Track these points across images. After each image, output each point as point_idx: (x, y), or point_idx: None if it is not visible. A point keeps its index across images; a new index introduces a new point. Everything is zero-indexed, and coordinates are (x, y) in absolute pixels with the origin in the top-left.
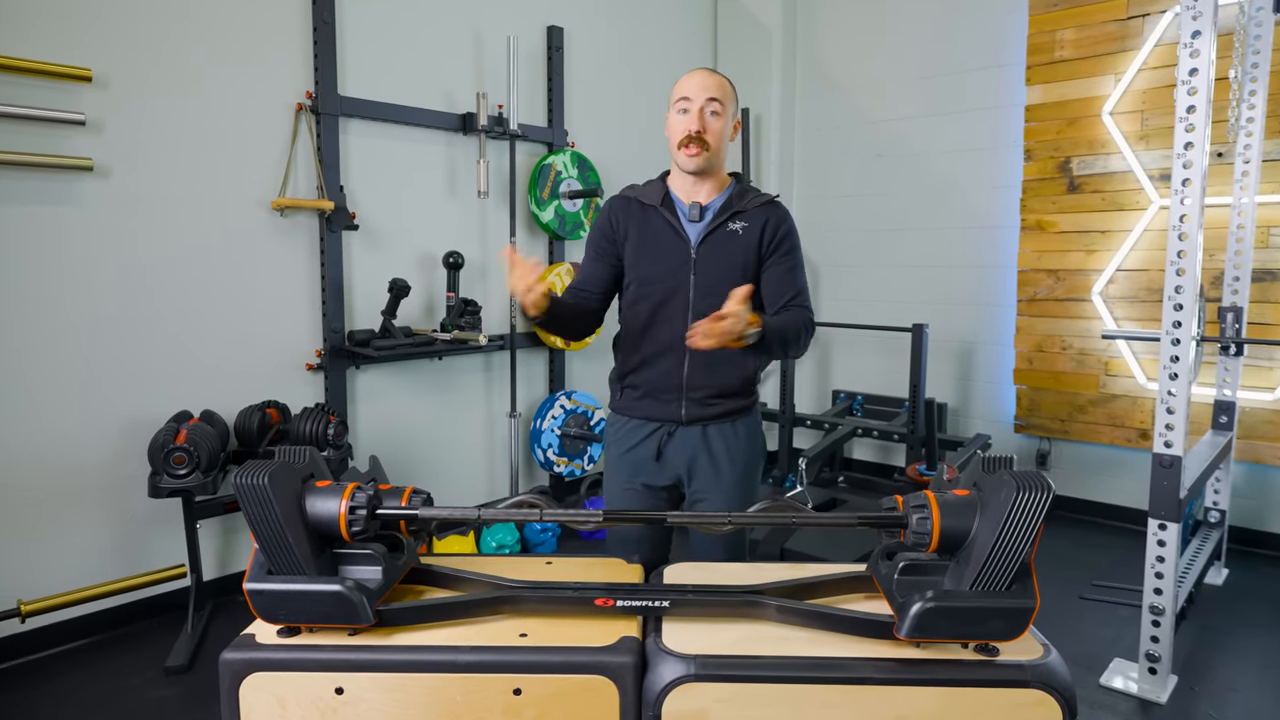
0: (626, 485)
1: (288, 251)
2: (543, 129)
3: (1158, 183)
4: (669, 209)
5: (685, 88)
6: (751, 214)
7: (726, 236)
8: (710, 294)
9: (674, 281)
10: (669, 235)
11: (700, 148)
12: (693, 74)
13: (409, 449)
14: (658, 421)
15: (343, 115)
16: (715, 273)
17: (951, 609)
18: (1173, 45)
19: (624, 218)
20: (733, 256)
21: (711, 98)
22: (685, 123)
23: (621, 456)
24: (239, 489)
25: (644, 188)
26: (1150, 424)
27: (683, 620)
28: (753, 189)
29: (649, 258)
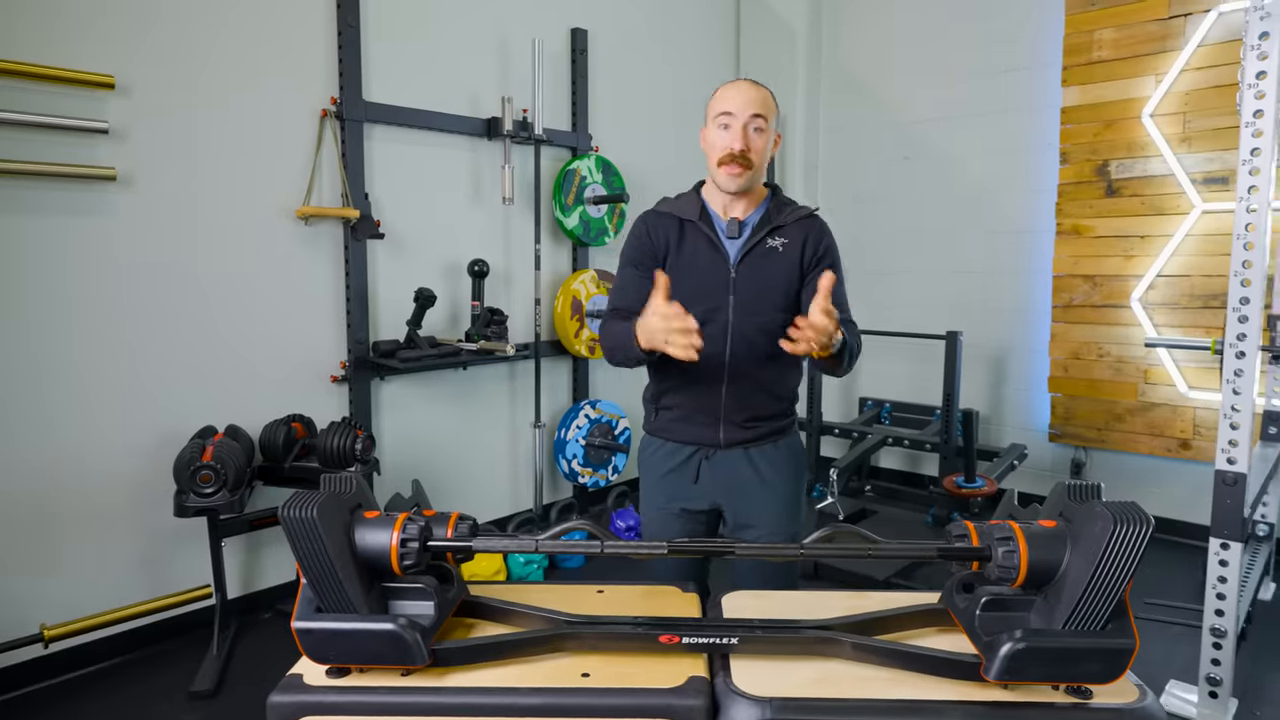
0: (664, 509)
1: (312, 261)
2: (566, 133)
3: (1200, 186)
4: (707, 224)
5: (727, 101)
6: (790, 229)
7: (765, 254)
8: (750, 313)
9: (713, 301)
10: (708, 252)
11: (743, 167)
12: (735, 86)
13: (433, 461)
14: (695, 445)
15: (367, 121)
16: (755, 291)
17: (1044, 650)
18: (1216, 45)
19: (663, 234)
20: (772, 274)
21: (756, 114)
22: (727, 140)
23: (659, 480)
24: (287, 523)
25: (678, 201)
26: (1191, 433)
27: (752, 658)
28: (790, 202)
29: (688, 276)
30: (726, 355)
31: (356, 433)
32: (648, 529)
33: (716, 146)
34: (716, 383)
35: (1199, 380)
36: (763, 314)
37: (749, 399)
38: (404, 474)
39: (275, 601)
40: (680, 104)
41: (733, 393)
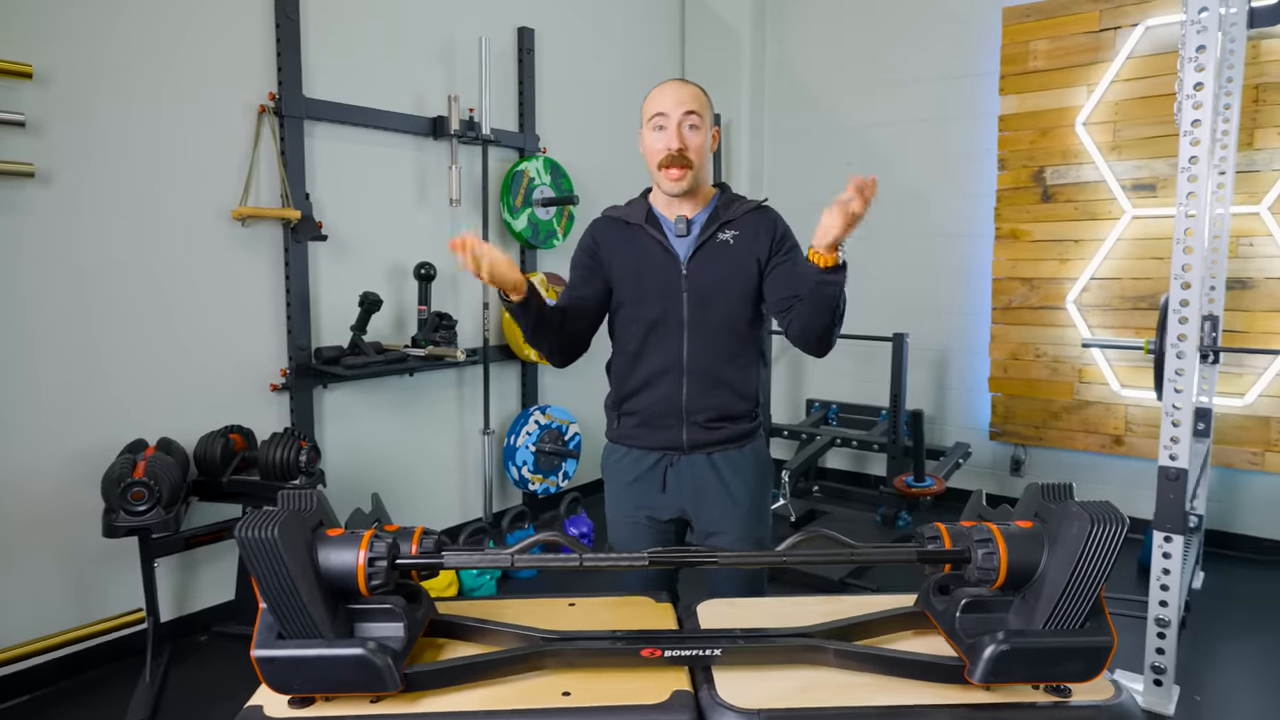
0: (631, 517)
1: (249, 264)
2: (514, 134)
3: (1130, 192)
4: (654, 226)
5: (658, 102)
6: (740, 222)
7: (717, 248)
8: (704, 309)
9: (666, 301)
10: (657, 254)
11: (683, 167)
12: (664, 87)
13: (379, 471)
14: (659, 450)
15: (308, 118)
16: (708, 287)
17: (1027, 650)
18: (1143, 58)
19: (608, 239)
20: (725, 268)
21: (688, 110)
22: (663, 140)
23: (624, 489)
24: (245, 544)
25: (626, 208)
26: (1123, 429)
27: (734, 669)
28: (739, 197)
29: (638, 279)
30: (684, 353)
31: (300, 443)
32: (615, 538)
33: (654, 150)
34: (676, 382)
35: (1131, 379)
36: (718, 309)
37: (710, 396)
38: (349, 485)
39: (212, 623)
40: (626, 106)
41: (693, 390)
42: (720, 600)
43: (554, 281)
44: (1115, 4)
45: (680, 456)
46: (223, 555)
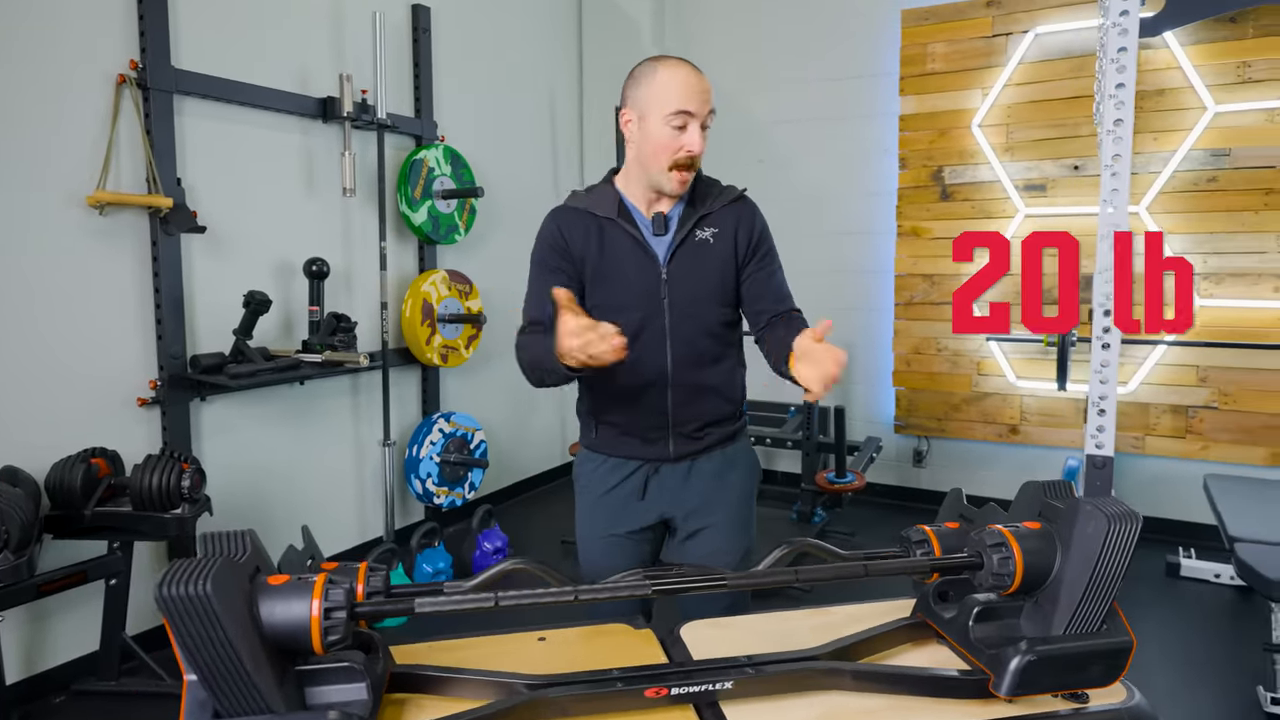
0: (606, 536)
1: (109, 259)
2: (410, 119)
3: (1022, 192)
4: (628, 221)
5: (683, 96)
6: (719, 215)
7: (697, 248)
8: (687, 315)
9: (647, 306)
10: (635, 254)
11: (693, 170)
12: (685, 76)
13: (267, 491)
14: (641, 459)
15: (178, 93)
16: (690, 290)
17: (1053, 659)
18: (1033, 64)
19: (579, 235)
20: (707, 270)
21: (711, 110)
22: (683, 142)
23: (598, 501)
24: (170, 604)
25: (591, 196)
26: (1019, 419)
27: (744, 701)
28: (713, 182)
29: (615, 282)
30: (668, 362)
31: (181, 466)
32: (587, 554)
33: (668, 147)
34: (661, 393)
35: (1025, 371)
36: (701, 314)
37: (698, 405)
38: (234, 510)
39: (70, 681)
40: (523, 95)
41: (680, 401)
42: (703, 622)
43: (456, 280)
44: (1007, 10)
45: (664, 465)
46: (83, 600)
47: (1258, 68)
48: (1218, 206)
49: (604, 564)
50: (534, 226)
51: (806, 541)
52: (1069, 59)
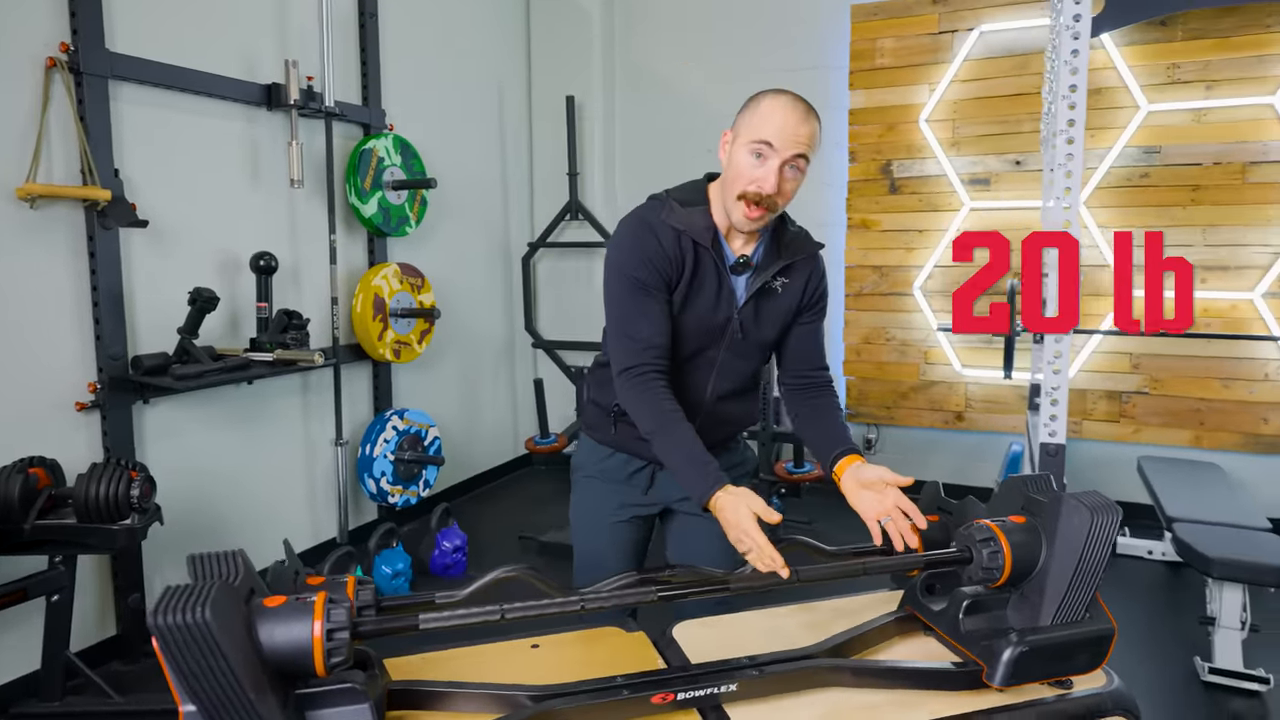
0: (615, 518)
1: (41, 255)
2: (358, 108)
3: (968, 186)
4: (717, 253)
5: (769, 126)
6: (797, 267)
7: (769, 296)
8: (741, 355)
9: (711, 339)
10: (715, 289)
11: (767, 210)
12: (780, 108)
13: (216, 495)
14: (649, 461)
15: (113, 78)
16: (752, 335)
17: (1043, 648)
18: (978, 61)
19: (678, 254)
20: (773, 319)
21: (799, 154)
22: (757, 175)
23: (609, 486)
24: (166, 634)
25: (688, 216)
26: (964, 406)
27: (748, 702)
28: (795, 231)
29: (693, 311)
30: (708, 392)
31: (130, 474)
32: (587, 536)
33: (742, 176)
34: (694, 417)
35: (971, 360)
36: (753, 356)
37: (720, 429)
38: (183, 518)
39: (9, 704)
40: (471, 82)
41: (706, 425)
42: (694, 621)
43: (408, 273)
44: (952, 8)
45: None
46: (18, 619)
47: (1186, 69)
48: (1149, 202)
49: (606, 549)
50: (484, 217)
51: (797, 539)
52: (1012, 57)
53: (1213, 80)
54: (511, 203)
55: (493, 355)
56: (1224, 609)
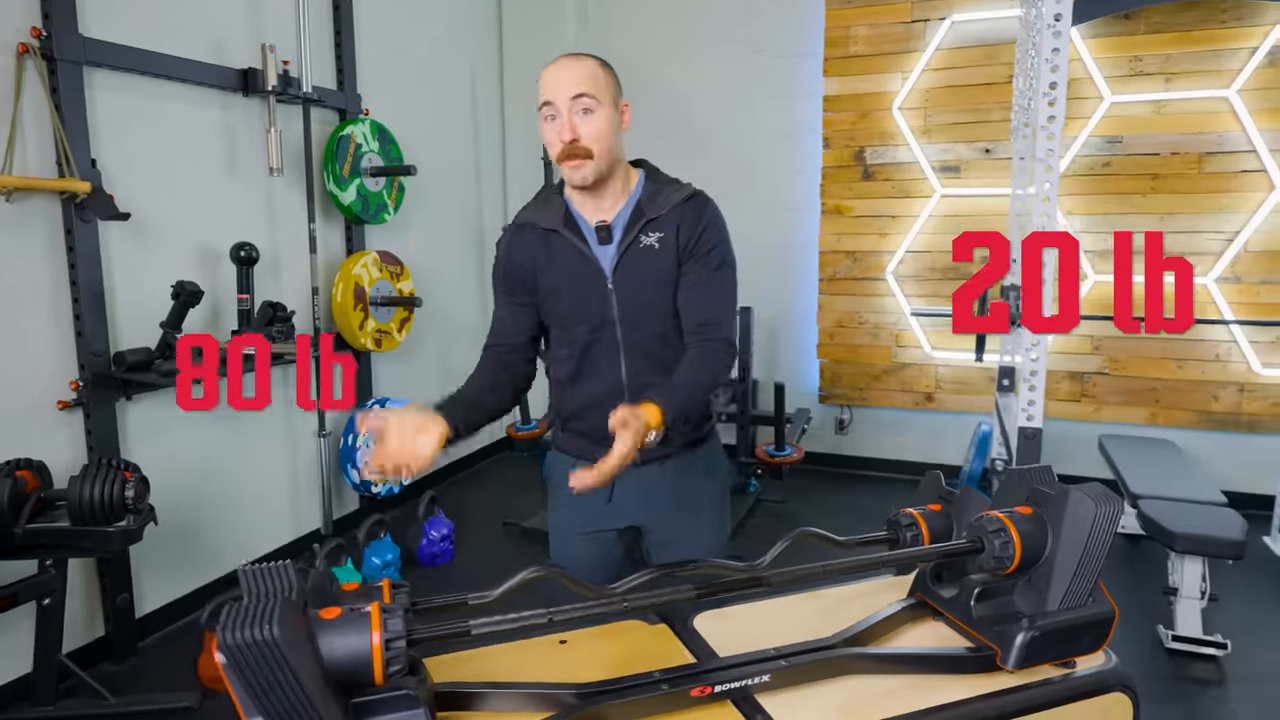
0: (579, 531)
1: (18, 250)
2: (333, 92)
3: (939, 173)
4: (574, 232)
5: (544, 89)
6: (665, 219)
7: (642, 255)
8: (638, 324)
9: (596, 318)
10: (580, 265)
11: (582, 158)
12: (549, 69)
13: (200, 490)
14: None
15: (87, 64)
16: (638, 300)
17: (1052, 632)
18: (950, 50)
19: (528, 252)
20: (654, 277)
21: (577, 94)
22: (554, 132)
23: (569, 499)
24: (235, 653)
25: (538, 208)
26: (934, 387)
27: (776, 692)
28: (668, 183)
29: (563, 296)
30: (623, 372)
31: (124, 475)
32: (559, 551)
33: (549, 142)
34: (618, 401)
35: (940, 342)
36: (653, 323)
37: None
38: (168, 514)
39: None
40: (445, 66)
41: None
42: (711, 613)
43: (387, 261)
44: None
45: (629, 469)
46: (6, 623)
47: (1148, 62)
48: (1111, 190)
49: (577, 560)
50: (461, 204)
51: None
52: (983, 47)
53: (1172, 73)
54: (484, 188)
55: (468, 342)
56: (1185, 580)
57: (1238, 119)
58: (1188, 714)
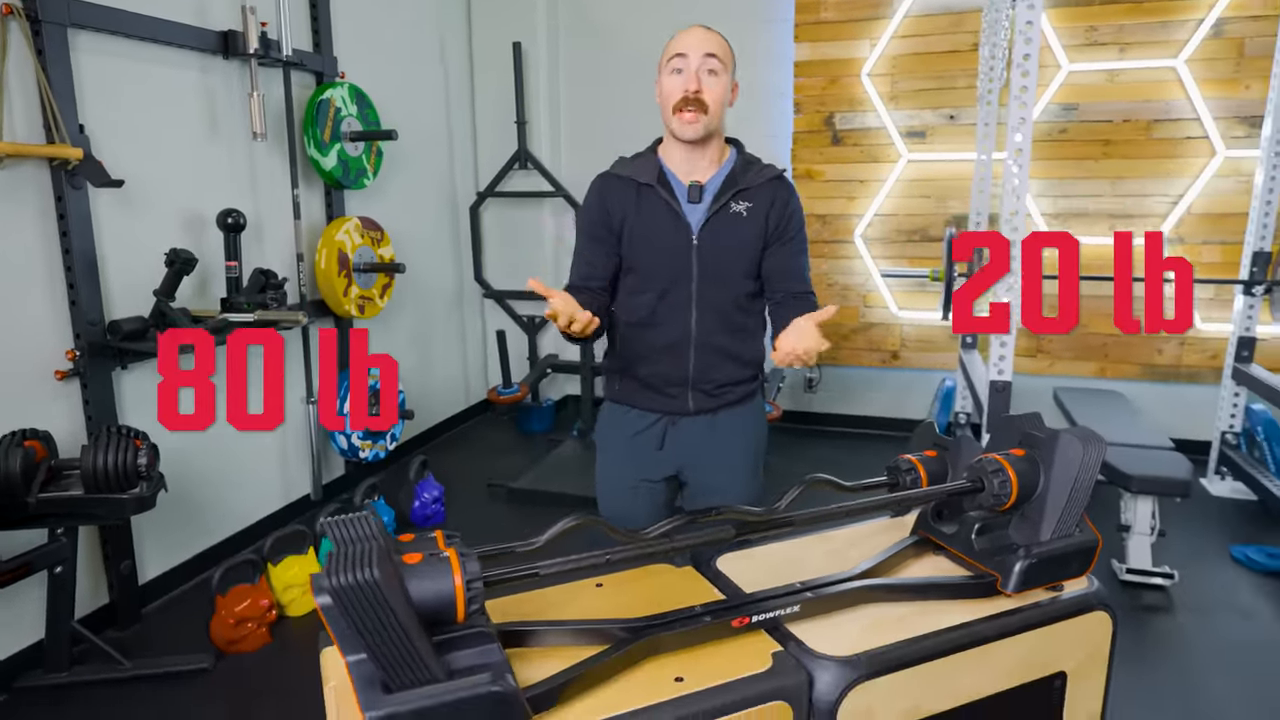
0: (634, 480)
1: (8, 218)
2: (310, 55)
3: (906, 139)
4: (665, 189)
5: (679, 44)
6: (755, 192)
7: (730, 220)
8: (715, 283)
9: (676, 271)
10: (668, 220)
11: (699, 110)
12: (686, 31)
13: (192, 458)
14: (661, 412)
15: (72, 25)
16: (719, 260)
17: (1047, 559)
18: (917, 18)
19: (619, 200)
20: (738, 242)
21: (709, 53)
22: (680, 83)
23: (622, 447)
24: (341, 594)
25: (634, 163)
26: (899, 346)
27: (805, 621)
28: (755, 160)
29: (648, 246)
30: (693, 325)
31: (134, 443)
32: (610, 502)
33: (670, 92)
34: (684, 353)
35: (906, 302)
36: (728, 284)
37: (717, 368)
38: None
39: (12, 678)
40: (413, 29)
41: (700, 363)
42: (731, 555)
43: (368, 227)
44: None
45: (681, 418)
46: (14, 592)
47: (1103, 32)
48: (1066, 155)
49: (626, 510)
50: (436, 168)
51: (820, 478)
52: (948, 15)
53: (1125, 43)
54: (456, 152)
55: (444, 306)
56: (1137, 518)
57: (1184, 88)
58: (1141, 637)
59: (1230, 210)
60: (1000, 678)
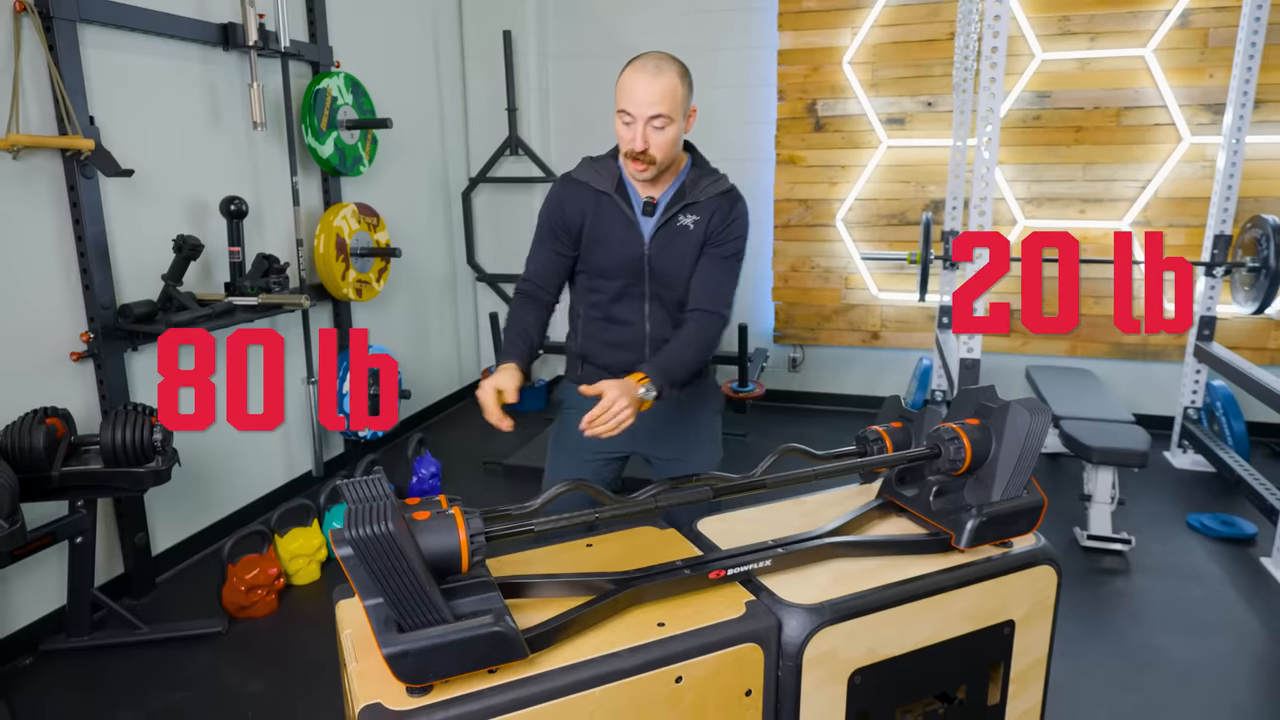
0: (588, 456)
1: (25, 206)
2: (306, 45)
3: (885, 125)
4: (623, 198)
5: (625, 98)
6: (703, 205)
7: (678, 232)
8: (665, 288)
9: (630, 274)
10: (623, 228)
11: (647, 164)
12: (634, 78)
13: (197, 438)
14: None
15: (81, 21)
16: (669, 268)
17: (996, 517)
18: (897, 7)
19: (578, 205)
20: (684, 251)
21: (654, 115)
22: (627, 137)
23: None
24: (361, 544)
25: (596, 168)
26: (879, 326)
27: (777, 574)
28: (710, 173)
29: (604, 249)
30: (646, 326)
31: (150, 420)
32: (555, 471)
33: (620, 139)
34: (639, 346)
35: (886, 284)
36: (678, 290)
37: None
38: None
39: (36, 642)
40: (406, 18)
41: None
42: (712, 518)
43: (365, 213)
44: None
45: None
46: (42, 562)
47: (1075, 21)
48: (1039, 141)
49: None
50: (429, 155)
51: (793, 447)
52: (926, 4)
53: (1096, 32)
54: (448, 139)
55: (438, 290)
56: (1098, 487)
57: (1152, 77)
58: (1100, 597)
59: (1194, 194)
60: (954, 624)
